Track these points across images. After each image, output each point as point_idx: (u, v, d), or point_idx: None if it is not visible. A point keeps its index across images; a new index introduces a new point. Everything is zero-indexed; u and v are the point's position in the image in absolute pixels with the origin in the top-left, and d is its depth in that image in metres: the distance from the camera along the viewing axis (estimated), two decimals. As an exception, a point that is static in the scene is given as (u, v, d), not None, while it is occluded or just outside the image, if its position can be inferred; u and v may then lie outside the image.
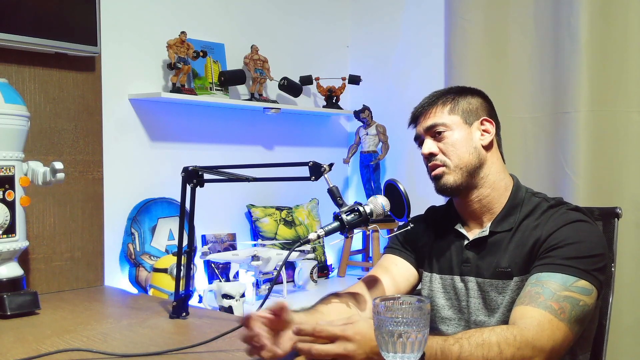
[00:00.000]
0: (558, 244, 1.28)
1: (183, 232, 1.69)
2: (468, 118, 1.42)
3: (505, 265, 1.35)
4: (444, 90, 1.48)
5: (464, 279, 1.42)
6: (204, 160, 1.94)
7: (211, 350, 1.34)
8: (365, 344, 1.06)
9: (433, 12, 2.89)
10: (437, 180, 1.41)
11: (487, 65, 2.46)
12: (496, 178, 1.42)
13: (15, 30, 1.90)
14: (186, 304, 1.68)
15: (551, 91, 2.33)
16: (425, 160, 1.43)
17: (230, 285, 2.23)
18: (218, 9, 2.80)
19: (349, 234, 1.32)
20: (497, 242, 1.39)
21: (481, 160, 1.40)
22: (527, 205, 1.40)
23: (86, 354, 1.32)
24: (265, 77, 2.86)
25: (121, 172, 2.43)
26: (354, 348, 1.06)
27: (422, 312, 0.95)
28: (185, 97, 2.52)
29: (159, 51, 2.55)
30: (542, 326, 1.17)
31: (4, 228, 1.67)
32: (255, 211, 2.87)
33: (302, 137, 3.16)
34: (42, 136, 2.03)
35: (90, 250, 2.16)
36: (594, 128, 2.20)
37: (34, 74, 2.02)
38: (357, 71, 3.25)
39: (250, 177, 1.54)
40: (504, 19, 2.44)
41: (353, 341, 1.06)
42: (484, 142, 1.41)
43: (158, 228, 2.50)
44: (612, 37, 2.18)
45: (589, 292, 1.24)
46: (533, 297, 1.22)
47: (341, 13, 3.37)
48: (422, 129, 1.44)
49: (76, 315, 1.73)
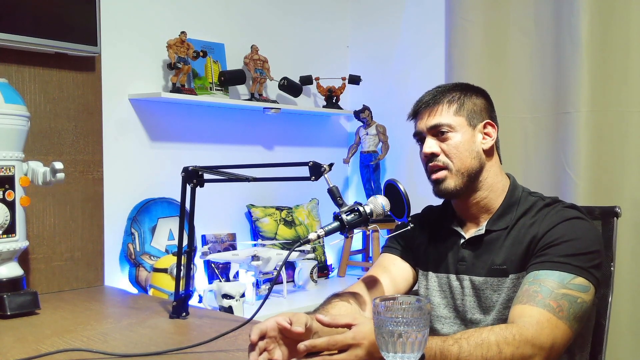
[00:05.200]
0: (555, 242, 1.29)
1: (183, 232, 1.69)
2: (472, 120, 1.40)
3: (500, 263, 1.36)
4: (449, 86, 1.45)
5: (460, 278, 1.42)
6: (204, 160, 1.94)
7: (211, 350, 1.34)
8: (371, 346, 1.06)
9: (433, 12, 2.89)
10: (438, 183, 1.40)
11: (488, 65, 2.46)
12: (494, 180, 1.42)
13: (15, 30, 1.90)
14: (186, 304, 1.68)
15: (552, 91, 2.33)
16: (425, 159, 1.42)
17: (230, 285, 2.23)
18: (218, 9, 2.80)
19: (349, 234, 1.31)
20: (493, 241, 1.39)
21: (481, 164, 1.40)
22: (523, 204, 1.40)
23: (86, 354, 1.32)
24: (265, 77, 2.86)
25: (121, 172, 2.43)
26: (364, 353, 1.06)
27: (422, 312, 0.95)
28: (185, 97, 2.52)
29: (159, 51, 2.55)
30: (541, 325, 1.17)
31: (4, 228, 1.67)
32: (255, 211, 2.87)
33: (302, 137, 3.16)
34: (42, 136, 2.03)
35: (90, 250, 2.16)
36: (594, 128, 2.20)
37: (34, 74, 2.01)
38: (357, 71, 3.25)
39: (250, 177, 1.54)
40: (504, 19, 2.44)
41: (361, 346, 1.07)
42: (485, 146, 1.41)
43: (158, 228, 2.50)
44: (612, 37, 2.18)
45: (586, 289, 1.24)
46: (531, 295, 1.22)
47: (341, 13, 3.37)
48: (425, 127, 1.41)
49: (76, 315, 1.73)
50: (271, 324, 1.13)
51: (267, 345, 1.13)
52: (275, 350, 1.13)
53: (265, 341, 1.12)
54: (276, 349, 1.13)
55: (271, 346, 1.13)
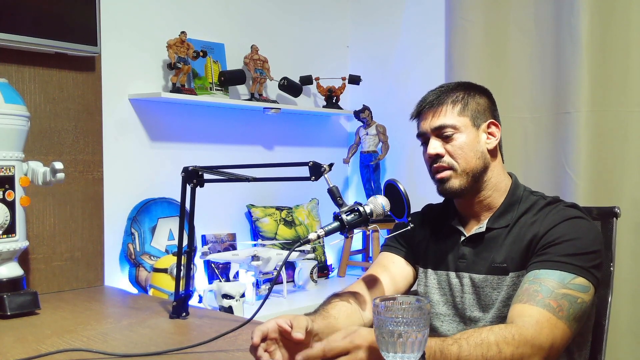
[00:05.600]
0: (555, 241, 1.29)
1: (183, 232, 1.69)
2: (476, 120, 1.40)
3: (500, 261, 1.36)
4: (452, 85, 1.44)
5: (459, 275, 1.42)
6: (204, 160, 1.94)
7: (211, 350, 1.34)
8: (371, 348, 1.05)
9: (433, 12, 2.89)
10: (442, 183, 1.40)
11: (488, 65, 2.46)
12: (498, 180, 1.42)
13: (15, 30, 1.90)
14: (186, 304, 1.68)
15: (552, 91, 2.33)
16: (430, 160, 1.41)
17: (230, 285, 2.23)
18: (218, 9, 2.80)
19: (349, 234, 1.31)
20: (494, 238, 1.39)
21: (486, 164, 1.40)
22: (524, 202, 1.40)
23: (86, 354, 1.32)
24: (265, 77, 2.86)
25: (121, 172, 2.43)
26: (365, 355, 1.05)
27: (422, 312, 0.95)
28: (185, 97, 2.52)
29: (159, 51, 2.55)
30: (540, 324, 1.17)
31: (4, 228, 1.67)
32: (255, 211, 2.87)
33: (302, 137, 3.16)
34: (42, 136, 2.03)
35: (90, 250, 2.16)
36: (594, 128, 2.20)
37: (34, 74, 2.01)
38: (357, 71, 3.25)
39: (250, 177, 1.54)
40: (504, 19, 2.44)
41: (362, 348, 1.06)
42: (490, 146, 1.41)
43: (158, 228, 2.50)
44: (612, 37, 2.18)
45: (586, 290, 1.24)
46: (531, 295, 1.22)
47: (341, 13, 3.37)
48: (429, 128, 1.40)
49: (76, 315, 1.73)
50: (272, 325, 1.12)
51: (268, 347, 1.12)
52: (275, 352, 1.13)
53: (265, 343, 1.12)
54: (276, 351, 1.13)
55: (272, 347, 1.13)
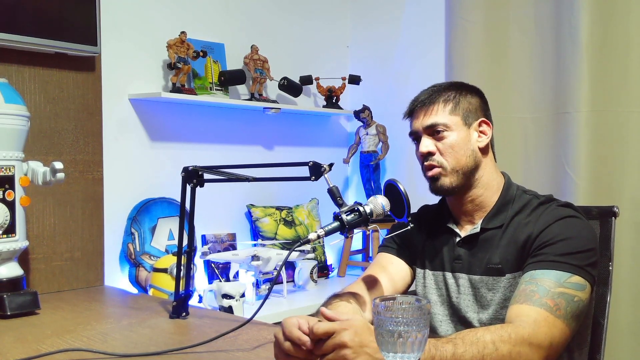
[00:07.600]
0: (550, 241, 1.30)
1: (183, 232, 1.69)
2: (467, 119, 1.42)
3: (496, 262, 1.36)
4: (444, 85, 1.47)
5: (455, 276, 1.43)
6: (204, 160, 1.94)
7: (211, 350, 1.34)
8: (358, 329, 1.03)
9: (433, 12, 2.89)
10: (434, 181, 1.42)
11: (488, 65, 2.46)
12: (489, 178, 1.43)
13: (15, 30, 1.90)
14: (186, 304, 1.68)
15: (552, 91, 2.33)
16: (421, 158, 1.43)
17: (230, 285, 2.23)
18: (218, 9, 2.80)
19: (349, 234, 1.32)
20: (489, 239, 1.40)
21: (477, 162, 1.41)
22: (518, 202, 1.41)
23: (86, 354, 1.32)
24: (265, 77, 2.86)
25: (121, 172, 2.43)
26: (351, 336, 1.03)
27: (422, 312, 0.95)
28: (185, 97, 2.52)
29: (159, 51, 2.55)
30: (538, 323, 1.17)
31: (4, 228, 1.67)
32: (255, 211, 2.87)
33: (302, 137, 3.16)
34: (42, 136, 2.03)
35: (90, 250, 2.16)
36: (594, 128, 2.20)
37: (34, 74, 2.02)
38: (357, 71, 3.25)
39: (250, 177, 1.54)
40: (504, 19, 2.44)
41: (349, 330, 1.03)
42: (481, 144, 1.42)
43: (158, 228, 2.50)
44: (612, 37, 2.18)
45: (582, 288, 1.25)
46: (528, 295, 1.23)
47: (341, 13, 3.37)
48: (421, 127, 1.42)
49: (76, 315, 1.73)
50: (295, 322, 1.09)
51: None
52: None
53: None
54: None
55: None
